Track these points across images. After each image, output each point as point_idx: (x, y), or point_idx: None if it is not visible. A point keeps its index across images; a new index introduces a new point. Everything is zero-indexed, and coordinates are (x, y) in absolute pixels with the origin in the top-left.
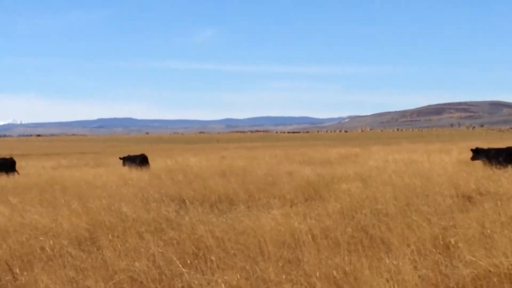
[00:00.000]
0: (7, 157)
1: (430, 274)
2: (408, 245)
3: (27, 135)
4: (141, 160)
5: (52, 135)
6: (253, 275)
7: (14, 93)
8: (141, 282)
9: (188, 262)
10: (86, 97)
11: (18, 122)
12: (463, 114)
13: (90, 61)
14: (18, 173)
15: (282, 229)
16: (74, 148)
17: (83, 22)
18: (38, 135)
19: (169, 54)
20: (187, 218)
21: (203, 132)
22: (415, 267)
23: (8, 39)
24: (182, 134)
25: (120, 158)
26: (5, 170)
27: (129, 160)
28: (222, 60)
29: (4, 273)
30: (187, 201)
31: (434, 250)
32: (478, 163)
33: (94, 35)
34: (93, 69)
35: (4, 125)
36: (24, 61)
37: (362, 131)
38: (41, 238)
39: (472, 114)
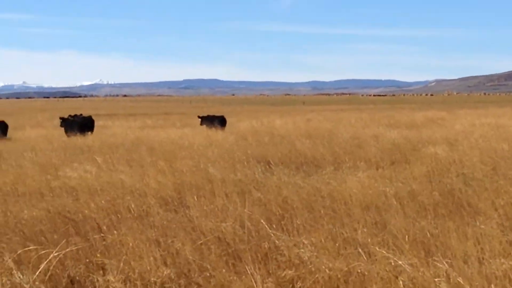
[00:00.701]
0: (86, 115)
1: None
2: (496, 209)
3: (113, 95)
4: (219, 121)
5: (138, 95)
6: (339, 237)
7: (102, 53)
8: (228, 243)
9: (275, 223)
10: (173, 58)
11: (105, 82)
12: None
13: (178, 21)
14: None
15: (369, 192)
16: (160, 109)
17: None
18: (125, 95)
19: (258, 16)
20: (274, 180)
21: (289, 94)
22: (503, 232)
23: (97, 1)
24: (268, 96)
25: (199, 117)
26: (86, 129)
27: (207, 120)
28: (310, 22)
29: (92, 232)
30: (273, 163)
31: None
32: None
33: None
34: (180, 30)
35: (91, 85)
36: (113, 22)
37: (448, 95)
38: (128, 198)
39: None
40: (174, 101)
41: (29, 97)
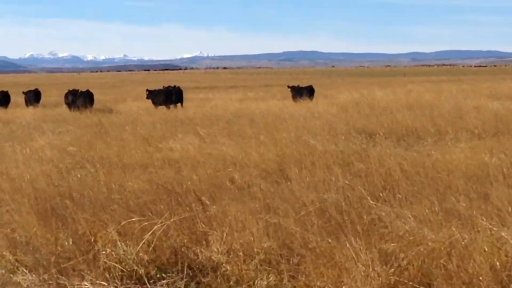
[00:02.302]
0: (175, 86)
1: None
2: None
3: (213, 68)
4: (308, 91)
5: (238, 68)
6: (442, 209)
7: (202, 25)
8: (330, 215)
9: (376, 194)
10: (273, 30)
11: (205, 55)
12: None
13: None
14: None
15: (471, 163)
16: (260, 81)
17: None
18: (225, 68)
19: None
20: (375, 151)
21: (389, 66)
22: None
23: None
24: (367, 67)
25: (288, 87)
26: (172, 99)
27: (295, 91)
28: None
29: (194, 204)
30: (374, 134)
31: None
32: None
33: None
34: (280, 1)
35: (191, 57)
36: None
37: None
38: (229, 169)
39: None
40: (274, 73)
41: (130, 70)
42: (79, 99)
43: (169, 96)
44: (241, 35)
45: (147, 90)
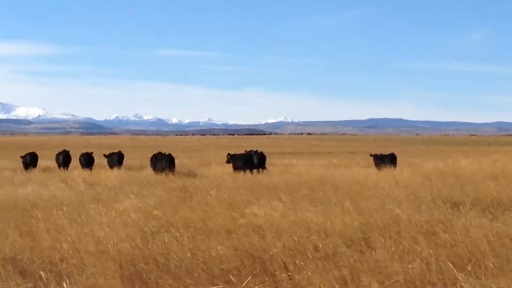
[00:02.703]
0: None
1: None
2: None
3: (297, 133)
4: (390, 159)
5: (322, 133)
6: None
7: (287, 91)
8: (415, 286)
9: (462, 266)
10: (358, 96)
11: (290, 120)
12: None
13: (363, 60)
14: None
15: None
16: (344, 148)
17: (355, 20)
18: (309, 134)
19: (441, 55)
20: (460, 221)
21: (474, 135)
22: None
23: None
24: (452, 136)
25: (371, 155)
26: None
27: (378, 158)
28: (496, 62)
29: (279, 271)
30: (458, 204)
31: None
32: None
33: (366, 31)
34: (365, 69)
35: (276, 122)
36: (298, 61)
37: None
38: (314, 237)
39: None
40: (358, 140)
41: (214, 134)
42: (161, 162)
43: (250, 161)
44: (326, 100)
45: (229, 154)
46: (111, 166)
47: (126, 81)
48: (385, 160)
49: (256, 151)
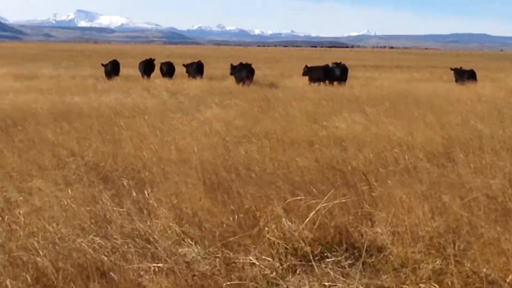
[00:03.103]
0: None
1: None
2: None
3: (380, 47)
4: (469, 75)
5: (405, 47)
6: None
7: (370, 4)
8: (497, 201)
9: None
10: (441, 10)
11: (372, 34)
12: None
13: None
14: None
15: None
16: (426, 62)
17: None
18: (391, 47)
19: None
20: None
21: None
22: None
23: None
24: None
25: (451, 69)
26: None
27: (458, 73)
28: None
29: (360, 183)
30: None
31: None
32: None
33: None
34: None
35: (358, 35)
36: None
37: None
38: (395, 150)
39: None
40: (440, 54)
41: (297, 46)
42: (240, 72)
43: (329, 73)
44: (409, 14)
45: (306, 66)
46: (190, 75)
47: None
48: (465, 75)
49: (340, 63)
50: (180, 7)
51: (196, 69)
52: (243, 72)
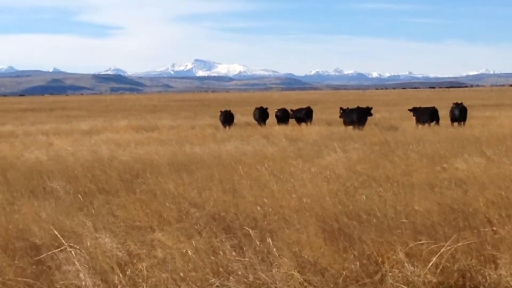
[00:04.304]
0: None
1: None
2: None
3: (499, 85)
4: None
5: None
6: None
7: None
8: None
9: None
10: None
11: (491, 72)
12: None
13: None
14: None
15: None
16: None
17: None
18: (510, 85)
19: None
20: None
21: None
22: None
23: None
24: None
25: None
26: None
27: None
28: None
29: (482, 225)
30: None
31: None
32: None
33: None
34: None
35: (477, 74)
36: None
37: None
38: None
39: None
40: None
41: (415, 87)
42: (349, 115)
43: (434, 115)
44: None
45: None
46: (298, 121)
47: (326, 36)
48: None
49: (460, 103)
50: (297, 54)
51: (305, 114)
52: (352, 116)
